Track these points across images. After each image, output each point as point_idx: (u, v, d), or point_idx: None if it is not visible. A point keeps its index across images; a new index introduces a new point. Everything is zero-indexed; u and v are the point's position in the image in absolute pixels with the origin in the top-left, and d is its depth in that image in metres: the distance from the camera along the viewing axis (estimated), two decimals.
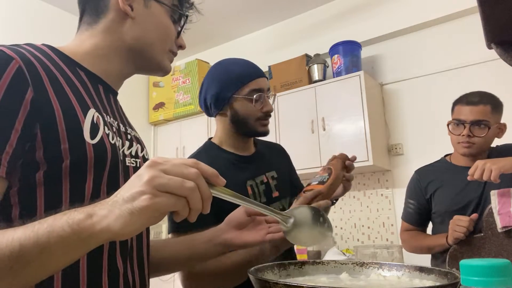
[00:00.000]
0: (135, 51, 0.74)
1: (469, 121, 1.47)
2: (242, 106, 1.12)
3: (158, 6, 0.74)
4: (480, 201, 1.47)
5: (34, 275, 0.47)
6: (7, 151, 0.52)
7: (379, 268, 0.68)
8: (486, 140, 1.48)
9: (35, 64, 0.59)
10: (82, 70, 0.69)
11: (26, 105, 0.54)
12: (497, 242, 1.34)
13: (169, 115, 3.83)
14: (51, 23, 3.29)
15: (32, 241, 0.45)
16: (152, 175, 0.47)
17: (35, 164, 0.56)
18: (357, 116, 2.81)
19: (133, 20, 0.72)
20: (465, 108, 1.49)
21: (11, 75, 0.54)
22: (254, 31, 3.89)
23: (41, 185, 0.57)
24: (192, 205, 0.49)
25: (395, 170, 2.97)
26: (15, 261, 0.44)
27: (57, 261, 0.47)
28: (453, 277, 0.54)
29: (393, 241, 2.88)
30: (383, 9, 3.13)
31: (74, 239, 0.46)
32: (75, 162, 0.59)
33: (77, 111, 0.61)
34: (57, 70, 0.63)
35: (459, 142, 1.51)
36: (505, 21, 0.59)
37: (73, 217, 0.46)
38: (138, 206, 0.45)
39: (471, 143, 1.48)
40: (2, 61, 0.54)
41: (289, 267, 0.69)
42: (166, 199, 0.46)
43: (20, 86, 0.55)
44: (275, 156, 1.29)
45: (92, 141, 0.61)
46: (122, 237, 0.47)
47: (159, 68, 0.78)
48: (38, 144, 0.56)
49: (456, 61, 2.82)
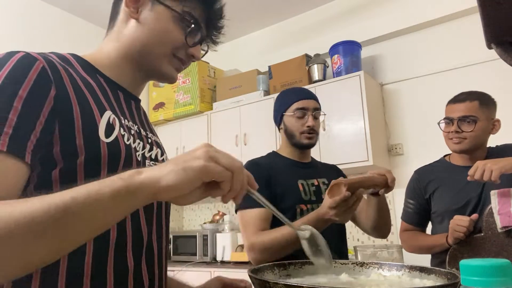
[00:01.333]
0: (139, 56, 0.74)
1: (456, 117, 1.53)
2: (289, 122, 1.41)
3: (165, 11, 0.73)
4: (479, 201, 1.47)
5: (79, 232, 0.48)
6: (31, 140, 0.55)
7: (379, 268, 0.68)
8: (476, 134, 1.50)
9: (57, 66, 0.63)
10: (101, 76, 0.72)
11: (50, 100, 0.59)
12: (497, 242, 1.34)
13: (169, 115, 3.83)
14: (57, 27, 3.30)
15: (84, 193, 0.47)
16: (208, 149, 0.52)
17: (52, 161, 0.59)
18: (357, 116, 2.81)
19: (137, 22, 0.73)
20: (454, 106, 1.56)
21: (37, 73, 0.59)
22: (254, 31, 3.89)
23: (57, 182, 0.59)
24: (234, 184, 0.52)
25: (395, 170, 2.97)
26: (64, 213, 0.45)
27: (105, 214, 0.49)
28: (453, 277, 0.54)
29: (393, 241, 2.88)
30: (383, 9, 3.13)
31: (124, 190, 0.48)
32: (89, 158, 0.61)
33: (93, 111, 0.65)
34: (77, 75, 0.66)
35: (449, 138, 1.56)
36: (505, 21, 0.59)
37: (124, 173, 0.50)
38: (192, 165, 0.49)
39: (461, 138, 1.52)
40: (28, 60, 0.59)
41: (289, 267, 0.69)
42: (216, 166, 0.50)
43: (45, 83, 0.59)
44: (328, 169, 1.54)
45: (107, 140, 0.64)
46: (167, 192, 0.49)
47: (161, 74, 0.77)
48: (55, 140, 0.59)
49: (456, 61, 2.82)
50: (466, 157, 1.57)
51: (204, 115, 3.63)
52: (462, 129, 1.51)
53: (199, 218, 3.93)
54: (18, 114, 0.55)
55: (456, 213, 1.46)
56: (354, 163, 2.75)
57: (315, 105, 1.42)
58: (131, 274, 0.67)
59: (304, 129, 1.38)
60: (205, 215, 3.89)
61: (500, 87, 2.45)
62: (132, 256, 0.67)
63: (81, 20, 3.56)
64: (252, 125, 3.29)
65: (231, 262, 2.96)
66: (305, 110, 1.39)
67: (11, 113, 0.54)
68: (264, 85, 3.41)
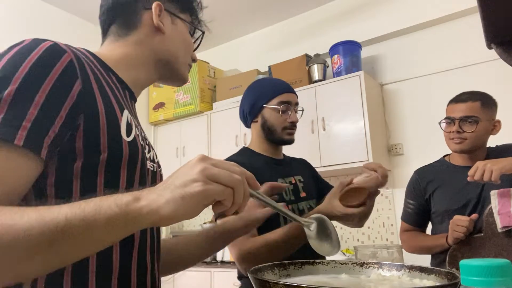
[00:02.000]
0: (162, 63, 0.81)
1: (458, 117, 1.52)
2: (271, 115, 1.30)
3: (182, 23, 0.83)
4: (479, 201, 1.47)
5: (72, 253, 0.48)
6: (49, 135, 0.55)
7: (379, 268, 0.68)
8: (477, 135, 1.50)
9: (83, 61, 0.63)
10: (113, 75, 0.74)
11: (73, 95, 0.58)
12: (497, 242, 1.34)
13: (169, 115, 3.83)
14: (50, 23, 3.30)
15: (79, 217, 0.46)
16: (205, 166, 0.50)
17: (73, 155, 0.59)
18: (357, 116, 2.81)
19: (163, 35, 0.79)
20: (455, 105, 1.55)
21: (64, 66, 0.58)
22: (254, 31, 3.89)
23: (77, 177, 0.59)
24: (236, 198, 0.52)
25: (395, 170, 2.97)
26: (59, 235, 0.45)
27: (100, 239, 0.49)
28: (453, 277, 0.54)
29: (393, 241, 2.88)
30: (383, 9, 3.13)
31: (120, 219, 0.47)
32: (112, 156, 0.62)
33: (115, 109, 0.66)
34: (97, 70, 0.68)
35: (450, 138, 1.55)
36: (505, 21, 0.59)
37: (121, 198, 0.48)
38: (190, 192, 0.49)
39: (462, 138, 1.51)
40: (56, 52, 0.58)
41: (289, 267, 0.69)
42: (216, 187, 0.50)
43: (70, 77, 0.59)
44: (299, 165, 1.45)
45: (128, 139, 0.66)
46: (168, 221, 0.49)
47: (180, 78, 0.85)
48: (79, 134, 0.59)
49: (456, 61, 2.82)
50: (466, 157, 1.56)
51: (204, 115, 3.62)
52: (464, 129, 1.50)
53: (199, 218, 3.93)
54: (39, 108, 0.54)
55: (456, 213, 1.46)
56: (354, 163, 2.75)
57: (296, 100, 1.35)
58: (149, 273, 0.71)
59: (287, 125, 1.30)
60: (205, 215, 3.89)
61: (500, 87, 2.45)
62: (149, 256, 0.71)
63: (81, 20, 3.56)
64: None
65: (231, 262, 2.96)
66: (289, 105, 1.30)
67: (32, 106, 0.53)
68: None
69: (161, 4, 0.78)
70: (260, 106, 1.31)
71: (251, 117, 1.35)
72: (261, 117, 1.32)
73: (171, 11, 0.81)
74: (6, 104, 0.52)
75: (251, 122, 1.37)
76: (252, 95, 1.35)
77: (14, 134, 0.51)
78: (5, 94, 0.52)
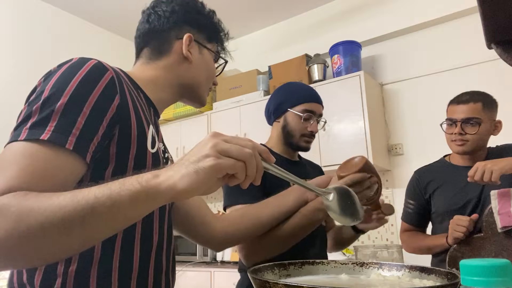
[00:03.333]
0: (186, 87, 0.89)
1: (460, 119, 1.50)
2: (293, 120, 1.33)
3: (208, 53, 0.91)
4: (479, 201, 1.47)
5: (103, 228, 0.54)
6: (93, 143, 0.62)
7: (379, 268, 0.68)
8: (479, 137, 1.49)
9: (121, 78, 0.71)
10: (142, 93, 0.81)
11: (113, 108, 0.66)
12: (497, 242, 1.34)
13: (169, 115, 3.83)
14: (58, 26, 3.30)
15: (106, 194, 0.52)
16: (216, 142, 0.54)
17: (106, 161, 0.66)
18: (357, 116, 2.81)
19: (190, 64, 0.87)
20: (457, 107, 1.53)
21: (106, 82, 0.66)
22: (254, 31, 3.89)
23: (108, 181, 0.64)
24: (249, 171, 0.55)
25: (395, 170, 2.97)
26: (89, 211, 0.51)
27: (125, 215, 0.54)
28: (453, 277, 0.54)
29: (393, 241, 2.88)
30: (383, 9, 3.13)
31: (142, 195, 0.52)
32: (138, 164, 0.69)
33: (144, 123, 0.73)
34: (130, 88, 0.75)
35: (452, 140, 1.53)
36: (505, 21, 0.59)
37: (142, 176, 0.54)
38: (203, 166, 0.52)
39: (464, 140, 1.50)
40: (101, 70, 0.67)
41: (289, 267, 0.69)
42: (227, 161, 0.53)
43: (111, 92, 0.67)
44: (313, 169, 1.49)
45: (152, 151, 0.73)
46: (184, 194, 0.53)
47: (200, 101, 0.93)
48: (114, 143, 0.66)
49: (456, 61, 2.82)
50: (466, 157, 1.56)
51: (204, 115, 3.63)
52: (466, 131, 1.49)
53: None
54: (86, 118, 0.61)
55: (456, 213, 1.45)
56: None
57: (321, 111, 1.39)
58: (163, 274, 0.77)
59: (306, 133, 1.33)
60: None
61: (500, 87, 2.45)
62: (165, 257, 0.77)
63: (80, 19, 3.56)
64: (252, 125, 3.29)
65: (231, 262, 2.96)
66: (312, 114, 1.34)
67: (80, 116, 0.61)
68: (264, 85, 3.41)
69: (191, 36, 0.86)
70: (285, 109, 1.35)
71: (275, 116, 1.39)
72: (283, 119, 1.36)
73: (200, 42, 0.89)
74: (58, 114, 0.60)
75: (273, 121, 1.41)
76: (280, 96, 1.40)
77: (65, 140, 0.59)
78: (58, 106, 0.60)
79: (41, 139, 0.57)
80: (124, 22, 3.59)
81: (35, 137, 0.58)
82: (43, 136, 0.58)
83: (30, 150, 0.57)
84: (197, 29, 0.89)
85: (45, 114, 0.60)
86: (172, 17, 0.86)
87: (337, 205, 0.75)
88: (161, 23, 0.86)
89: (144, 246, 0.71)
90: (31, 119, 0.60)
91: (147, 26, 0.87)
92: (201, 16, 0.90)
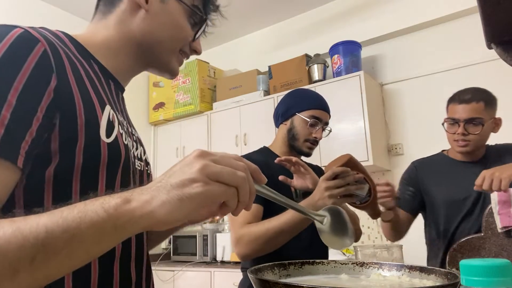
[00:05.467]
0: (144, 47, 0.70)
1: (462, 119, 1.48)
2: (299, 124, 1.38)
3: (176, 4, 0.70)
4: (479, 197, 1.46)
5: (58, 268, 0.42)
6: (26, 140, 0.47)
7: (379, 268, 0.68)
8: (481, 137, 1.48)
9: (58, 50, 0.55)
10: (96, 63, 0.66)
11: (49, 92, 0.50)
12: (497, 242, 1.34)
13: (169, 115, 3.83)
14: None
15: (61, 227, 0.40)
16: (204, 164, 0.45)
17: (46, 158, 0.51)
18: (357, 116, 2.81)
19: (146, 13, 0.68)
20: (459, 106, 1.49)
21: (37, 58, 0.50)
22: (254, 31, 3.89)
23: (49, 183, 0.52)
24: (242, 197, 0.47)
25: (395, 170, 2.97)
26: (40, 250, 0.39)
27: (87, 250, 0.42)
28: (453, 277, 0.54)
29: None
30: (383, 9, 3.13)
31: (109, 226, 0.41)
32: (89, 160, 0.55)
33: (95, 105, 0.58)
34: (75, 59, 0.59)
35: (455, 140, 1.52)
36: (505, 21, 0.59)
37: (109, 201, 0.42)
38: (189, 193, 0.43)
39: (467, 140, 1.48)
40: (28, 42, 0.50)
41: (289, 267, 0.69)
42: (218, 187, 0.45)
43: (45, 71, 0.51)
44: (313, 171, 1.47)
45: (107, 140, 0.58)
46: (164, 225, 0.44)
47: (166, 68, 0.74)
48: (55, 135, 0.52)
49: (456, 61, 2.82)
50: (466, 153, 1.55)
51: (204, 115, 3.63)
52: (469, 131, 1.47)
53: None
54: (12, 110, 0.46)
55: (457, 204, 1.45)
56: None
57: (327, 119, 1.43)
58: (134, 284, 0.65)
59: (310, 138, 1.37)
60: None
61: (500, 87, 2.44)
62: (134, 268, 0.65)
63: (81, 20, 3.56)
64: (252, 125, 3.29)
65: (231, 262, 2.96)
66: (319, 121, 1.38)
67: (3, 108, 0.45)
68: (264, 85, 3.41)
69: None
70: (293, 112, 1.40)
71: (282, 119, 1.43)
72: (290, 122, 1.40)
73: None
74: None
75: (280, 123, 1.45)
76: (290, 100, 1.44)
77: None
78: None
79: None
80: None
81: None
82: None
83: None
84: None
85: None
86: None
87: (333, 228, 0.71)
88: None
89: (104, 257, 0.52)
90: None
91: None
92: None
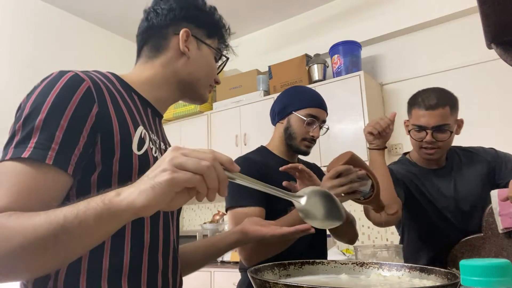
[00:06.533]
0: (184, 84, 0.89)
1: (430, 127, 1.40)
2: (296, 123, 1.35)
3: (207, 48, 0.91)
4: (457, 204, 1.44)
5: (75, 247, 0.55)
6: (75, 154, 0.64)
7: (379, 268, 0.68)
8: (449, 141, 1.44)
9: (100, 85, 0.72)
10: (136, 95, 0.83)
11: (92, 117, 0.67)
12: (497, 242, 1.34)
13: (169, 115, 3.82)
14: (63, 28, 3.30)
15: (74, 214, 0.53)
16: (173, 156, 0.54)
17: (92, 167, 0.68)
18: (357, 116, 2.81)
19: (188, 59, 0.87)
20: (425, 112, 1.41)
21: (82, 93, 0.67)
22: (254, 31, 3.89)
23: (94, 187, 0.68)
24: (209, 183, 0.54)
25: None
26: (60, 230, 0.52)
27: (92, 233, 0.54)
28: (453, 277, 0.54)
29: (393, 241, 2.88)
30: (383, 9, 3.13)
31: (106, 213, 0.53)
32: (123, 168, 0.70)
33: (129, 125, 0.74)
34: (116, 92, 0.77)
35: (422, 147, 1.46)
36: (505, 21, 0.59)
37: (106, 195, 0.54)
38: (158, 181, 0.52)
39: (436, 148, 1.42)
40: (76, 82, 0.68)
41: (289, 267, 0.69)
42: (183, 175, 0.53)
43: (88, 102, 0.68)
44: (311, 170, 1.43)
45: (138, 153, 0.73)
46: (145, 212, 0.53)
47: (201, 98, 0.93)
48: (97, 150, 0.68)
49: (456, 61, 2.82)
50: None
51: (204, 115, 3.63)
52: (437, 139, 1.41)
53: (199, 218, 3.93)
54: (64, 132, 0.63)
55: (436, 211, 1.45)
56: None
57: (325, 117, 1.42)
58: (160, 273, 0.77)
59: (307, 137, 1.35)
60: (205, 215, 3.89)
61: (500, 87, 2.45)
62: (161, 257, 0.78)
63: (80, 20, 3.56)
64: (252, 125, 3.29)
65: (231, 262, 2.96)
66: (316, 119, 1.36)
67: (58, 130, 0.63)
68: (264, 85, 3.41)
69: (188, 31, 0.86)
70: (290, 111, 1.37)
71: (279, 117, 1.40)
72: (287, 121, 1.37)
73: (198, 37, 0.89)
74: (38, 130, 0.62)
75: (277, 122, 1.42)
76: (286, 98, 1.41)
77: (45, 155, 0.61)
78: (37, 122, 0.63)
79: (22, 157, 0.60)
80: (125, 23, 3.59)
81: (17, 155, 0.60)
82: (24, 153, 0.60)
83: (15, 169, 0.59)
84: (196, 25, 0.89)
85: (27, 131, 0.62)
86: (170, 14, 0.87)
87: (315, 209, 0.68)
88: (159, 20, 0.87)
89: (135, 245, 0.72)
90: (15, 138, 0.62)
91: (146, 24, 0.88)
92: (201, 12, 0.90)
